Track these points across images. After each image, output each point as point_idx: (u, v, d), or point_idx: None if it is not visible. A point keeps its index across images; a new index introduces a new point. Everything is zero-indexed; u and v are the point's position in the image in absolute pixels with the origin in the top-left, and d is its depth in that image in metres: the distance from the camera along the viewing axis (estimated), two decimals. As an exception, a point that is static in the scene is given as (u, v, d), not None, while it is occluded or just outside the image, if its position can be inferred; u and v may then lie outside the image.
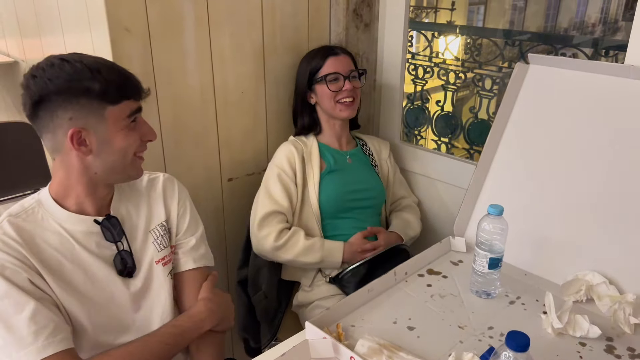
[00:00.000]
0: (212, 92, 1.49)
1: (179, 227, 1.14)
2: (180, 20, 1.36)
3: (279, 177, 1.47)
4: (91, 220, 0.99)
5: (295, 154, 1.48)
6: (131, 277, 1.03)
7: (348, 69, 1.51)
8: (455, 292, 1.17)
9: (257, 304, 1.56)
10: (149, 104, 1.36)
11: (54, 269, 0.93)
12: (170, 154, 1.44)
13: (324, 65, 1.51)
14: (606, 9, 2.23)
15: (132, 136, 0.96)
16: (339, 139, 1.59)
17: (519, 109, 1.35)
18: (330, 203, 1.49)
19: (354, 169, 1.57)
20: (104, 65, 0.93)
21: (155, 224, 1.09)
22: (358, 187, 1.54)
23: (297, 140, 1.55)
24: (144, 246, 1.06)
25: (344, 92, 1.49)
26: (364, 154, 1.63)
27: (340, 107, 1.51)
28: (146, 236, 1.07)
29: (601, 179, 1.18)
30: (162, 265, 1.08)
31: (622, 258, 1.12)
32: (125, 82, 0.94)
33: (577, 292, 1.13)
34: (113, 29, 1.24)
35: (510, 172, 1.33)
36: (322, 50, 1.54)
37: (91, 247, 0.98)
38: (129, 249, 1.03)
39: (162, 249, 1.08)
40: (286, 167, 1.47)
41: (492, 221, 1.11)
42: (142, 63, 1.32)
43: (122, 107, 0.93)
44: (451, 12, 3.09)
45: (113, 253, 1.01)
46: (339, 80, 1.49)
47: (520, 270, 1.25)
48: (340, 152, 1.57)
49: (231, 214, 1.64)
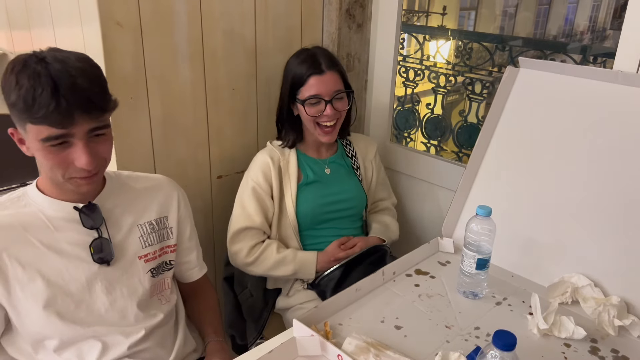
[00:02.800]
0: (204, 89, 1.48)
1: (180, 230, 1.18)
2: (172, 16, 1.36)
3: (254, 192, 1.43)
4: (70, 206, 1.00)
5: (271, 166, 1.43)
6: (108, 265, 1.03)
7: (332, 89, 1.38)
8: (443, 293, 1.18)
9: (243, 302, 1.56)
10: (139, 99, 1.35)
11: (22, 256, 0.96)
12: (160, 150, 1.43)
13: (305, 85, 1.38)
14: (595, 18, 2.26)
15: (53, 159, 0.91)
16: (318, 148, 1.53)
17: (509, 112, 1.36)
18: (307, 215, 1.47)
19: (333, 179, 1.52)
20: (54, 79, 0.85)
21: (145, 220, 1.10)
22: (336, 198, 1.50)
23: (274, 149, 1.48)
24: (128, 239, 1.07)
25: (324, 116, 1.40)
26: (346, 157, 1.58)
27: (319, 132, 1.43)
28: (132, 230, 1.08)
29: (588, 181, 1.19)
30: (145, 262, 1.08)
31: (607, 261, 1.14)
32: (47, 107, 0.84)
33: (562, 294, 1.14)
34: (104, 23, 1.23)
35: (499, 174, 1.34)
36: (307, 63, 1.39)
37: (69, 233, 1.00)
38: (109, 238, 1.03)
39: (147, 246, 1.09)
40: (261, 180, 1.43)
41: (480, 222, 1.12)
42: (133, 58, 1.31)
43: (40, 129, 0.88)
44: (442, 16, 3.12)
45: (91, 240, 1.01)
46: (319, 104, 1.39)
47: (507, 271, 1.26)
48: (319, 162, 1.51)
49: (220, 211, 1.63)
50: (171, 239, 1.15)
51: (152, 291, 1.11)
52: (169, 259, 1.16)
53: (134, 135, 1.37)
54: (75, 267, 0.99)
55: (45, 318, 0.97)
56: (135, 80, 1.33)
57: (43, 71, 0.86)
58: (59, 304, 0.97)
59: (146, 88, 1.36)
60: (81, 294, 1.00)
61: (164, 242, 1.14)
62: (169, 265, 1.16)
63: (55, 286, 0.97)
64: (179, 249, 1.18)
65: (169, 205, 1.15)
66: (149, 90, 1.36)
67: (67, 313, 0.98)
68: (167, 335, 1.14)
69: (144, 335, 1.06)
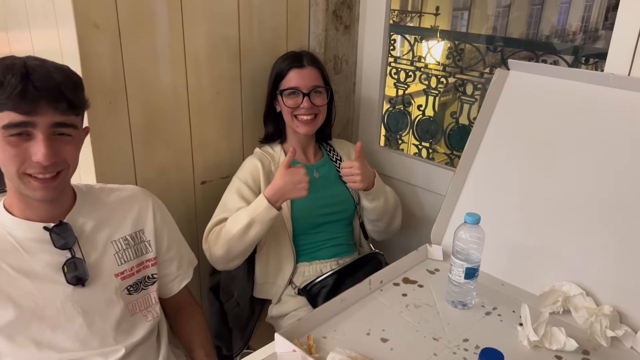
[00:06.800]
0: (186, 92, 1.44)
1: (158, 241, 1.13)
2: (152, 17, 1.32)
3: (238, 190, 1.39)
4: (40, 226, 0.95)
5: (260, 170, 1.41)
6: (83, 286, 0.98)
7: (311, 84, 1.42)
8: (431, 302, 1.14)
9: (229, 311, 1.52)
10: (119, 104, 1.31)
11: None
12: (141, 156, 1.39)
13: (285, 77, 1.43)
14: (587, 18, 2.25)
15: (9, 150, 0.86)
16: (304, 151, 1.52)
17: (499, 116, 1.33)
18: (301, 220, 1.44)
19: (322, 183, 1.50)
20: (28, 69, 0.83)
21: (120, 236, 1.05)
22: (328, 202, 1.49)
23: (264, 154, 1.48)
24: (103, 257, 1.02)
25: (302, 109, 1.41)
26: (331, 162, 1.56)
27: (297, 123, 1.44)
28: (107, 247, 1.03)
29: (579, 186, 1.16)
30: (121, 280, 1.04)
31: (600, 269, 1.11)
32: (12, 90, 0.82)
33: (553, 304, 1.11)
34: (80, 24, 1.19)
35: (489, 179, 1.31)
36: (290, 59, 1.45)
37: (40, 255, 0.94)
38: (82, 258, 0.98)
39: (123, 263, 1.04)
40: (249, 181, 1.40)
41: (468, 230, 1.08)
42: (111, 61, 1.27)
43: (2, 116, 0.84)
44: (435, 17, 3.11)
45: (64, 260, 0.96)
46: (297, 96, 1.41)
47: (497, 279, 1.23)
48: (308, 167, 1.49)
49: (204, 218, 1.58)
50: (150, 252, 1.11)
51: (134, 308, 1.07)
52: (151, 273, 1.11)
53: (113, 141, 1.32)
54: (49, 290, 0.94)
55: (19, 347, 0.91)
56: (114, 84, 1.29)
57: (18, 62, 0.84)
58: (33, 331, 0.92)
59: (125, 92, 1.32)
60: (56, 318, 0.95)
61: (142, 257, 1.09)
62: (151, 280, 1.12)
63: (29, 312, 0.92)
64: (158, 261, 1.14)
65: (144, 217, 1.11)
66: (128, 95, 1.32)
67: (43, 339, 0.93)
68: (149, 352, 1.09)
69: (124, 354, 1.01)
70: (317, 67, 1.45)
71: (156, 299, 1.13)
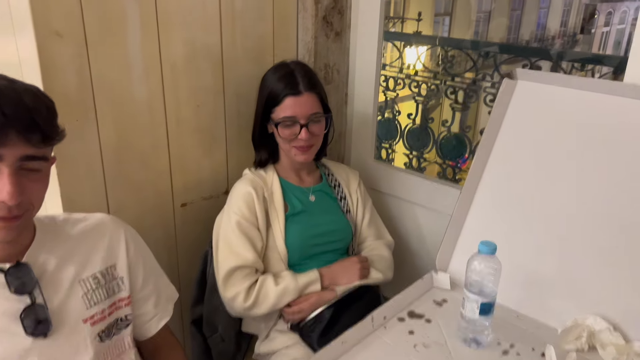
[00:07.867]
0: (163, 106, 1.30)
1: (132, 277, 0.99)
2: (123, 24, 1.18)
3: (239, 226, 1.27)
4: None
5: (254, 197, 1.29)
6: (45, 337, 0.83)
7: (309, 112, 1.28)
8: (441, 340, 1.02)
9: (213, 346, 1.38)
10: (87, 121, 1.17)
11: None
12: (113, 177, 1.25)
13: (280, 105, 1.28)
14: (565, 22, 2.21)
15: None
16: (297, 173, 1.40)
17: (507, 129, 1.22)
18: (295, 249, 1.31)
19: (318, 208, 1.38)
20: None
21: (88, 274, 0.91)
22: (324, 230, 1.36)
23: (255, 178, 1.34)
24: (69, 301, 0.87)
25: (300, 140, 1.29)
26: (328, 186, 1.44)
27: (295, 152, 1.31)
28: (73, 288, 0.88)
29: (600, 206, 1.06)
30: (91, 325, 0.89)
31: (626, 298, 1.00)
32: None
33: (577, 339, 1.00)
34: (40, 32, 1.05)
35: (498, 198, 1.21)
36: (284, 81, 1.28)
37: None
38: (44, 303, 0.84)
39: (92, 305, 0.90)
40: (246, 212, 1.28)
41: (483, 260, 0.97)
42: (77, 73, 1.13)
43: None
44: (418, 22, 3.05)
45: (22, 308, 0.82)
46: (294, 126, 1.28)
47: (511, 310, 1.12)
48: (303, 190, 1.38)
49: (185, 244, 1.45)
50: (123, 291, 0.97)
51: (105, 357, 0.92)
52: (125, 314, 0.97)
53: (81, 163, 1.18)
54: (5, 342, 0.80)
55: None
56: (81, 99, 1.15)
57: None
58: None
59: (94, 108, 1.17)
60: None
61: (114, 297, 0.95)
62: (125, 322, 0.97)
63: None
64: (132, 299, 1.00)
65: (115, 250, 0.96)
66: (97, 111, 1.18)
67: None
68: None
69: None
70: (315, 92, 1.30)
71: (130, 343, 0.99)
